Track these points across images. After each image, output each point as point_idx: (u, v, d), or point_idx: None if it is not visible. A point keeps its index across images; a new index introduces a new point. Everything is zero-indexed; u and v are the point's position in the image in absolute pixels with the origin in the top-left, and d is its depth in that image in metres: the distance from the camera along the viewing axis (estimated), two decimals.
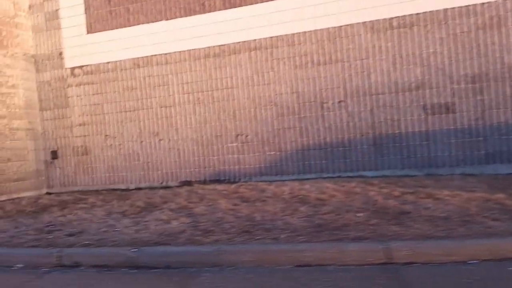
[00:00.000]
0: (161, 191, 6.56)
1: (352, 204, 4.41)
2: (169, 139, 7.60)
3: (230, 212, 4.44)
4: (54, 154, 8.27)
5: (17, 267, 3.38)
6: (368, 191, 5.03)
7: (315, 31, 6.76)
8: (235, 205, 4.82)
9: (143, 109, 7.72)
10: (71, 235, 3.91)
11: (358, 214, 3.96)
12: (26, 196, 7.81)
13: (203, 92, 7.38)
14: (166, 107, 7.59)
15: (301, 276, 2.77)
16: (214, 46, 7.29)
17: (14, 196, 7.66)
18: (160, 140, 7.66)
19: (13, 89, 7.88)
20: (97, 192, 7.54)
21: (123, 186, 7.83)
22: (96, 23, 7.95)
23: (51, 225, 4.42)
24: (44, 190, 8.28)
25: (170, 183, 7.56)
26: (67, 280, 3.02)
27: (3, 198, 7.46)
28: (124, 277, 2.99)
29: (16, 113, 7.90)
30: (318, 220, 3.81)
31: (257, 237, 3.39)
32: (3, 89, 7.67)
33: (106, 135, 7.95)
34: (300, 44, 6.84)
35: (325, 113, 6.75)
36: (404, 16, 6.38)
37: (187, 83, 7.45)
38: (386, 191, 4.96)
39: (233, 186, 6.45)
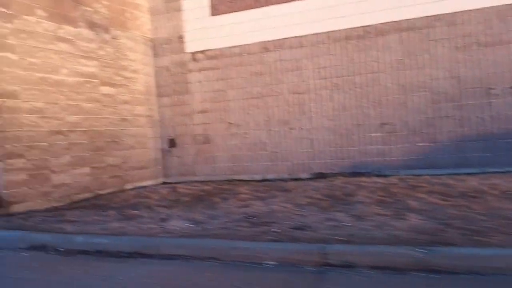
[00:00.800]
0: (311, 183, 6.07)
1: None
2: (301, 128, 7.10)
3: (455, 208, 3.86)
4: (172, 143, 7.95)
5: (269, 264, 2.92)
6: None
7: (482, 9, 6.06)
8: (444, 200, 4.23)
9: (272, 95, 7.25)
10: (297, 228, 3.43)
11: None
12: (148, 185, 7.52)
13: (342, 77, 6.82)
14: (298, 93, 7.09)
15: None
16: (357, 27, 6.71)
17: (137, 184, 7.38)
18: (290, 128, 7.16)
19: (135, 74, 7.59)
20: (222, 182, 7.14)
21: (246, 177, 7.41)
22: (221, 4, 7.53)
23: (253, 217, 3.97)
24: (161, 180, 7.98)
25: (301, 175, 7.07)
26: (365, 285, 2.51)
27: (128, 186, 7.20)
28: (447, 284, 2.45)
29: (138, 99, 7.61)
30: None
31: None
32: (126, 73, 7.39)
33: (230, 123, 7.54)
34: (462, 23, 6.15)
35: (492, 100, 6.05)
36: None
37: (324, 67, 6.92)
38: None
39: (394, 179, 5.87)
